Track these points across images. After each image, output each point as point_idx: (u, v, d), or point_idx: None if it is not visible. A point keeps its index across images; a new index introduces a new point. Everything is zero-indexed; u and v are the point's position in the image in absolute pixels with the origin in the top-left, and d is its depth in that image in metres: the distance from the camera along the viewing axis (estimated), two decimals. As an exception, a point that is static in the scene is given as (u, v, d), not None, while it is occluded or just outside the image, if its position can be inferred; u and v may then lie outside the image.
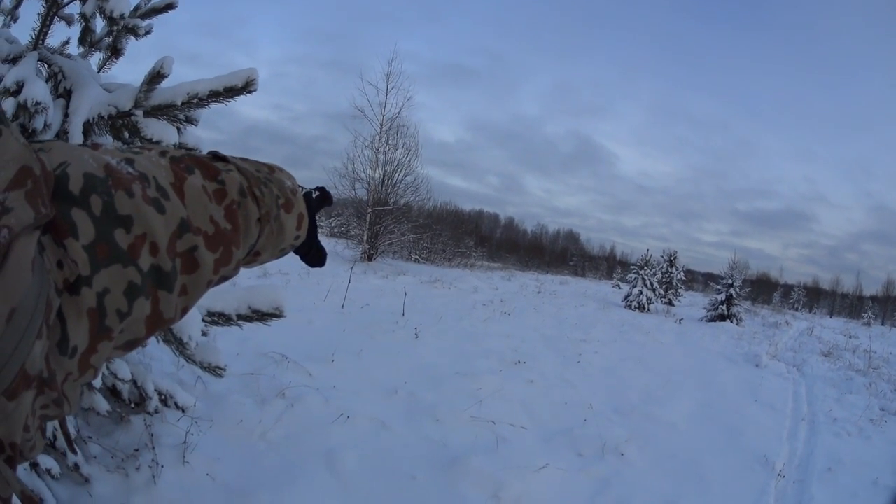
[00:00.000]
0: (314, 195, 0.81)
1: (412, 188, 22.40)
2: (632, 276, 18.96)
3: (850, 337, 16.58)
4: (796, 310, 41.68)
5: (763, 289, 50.88)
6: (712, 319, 16.58)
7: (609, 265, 67.49)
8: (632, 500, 3.33)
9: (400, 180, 21.83)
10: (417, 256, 25.79)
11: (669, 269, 20.47)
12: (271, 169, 0.71)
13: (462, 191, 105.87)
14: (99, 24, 2.47)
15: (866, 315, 34.71)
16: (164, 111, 2.03)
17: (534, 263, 60.30)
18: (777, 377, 8.14)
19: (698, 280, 50.68)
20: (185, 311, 0.60)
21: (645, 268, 18.39)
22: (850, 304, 58.14)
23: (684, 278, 21.96)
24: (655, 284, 18.47)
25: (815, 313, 44.63)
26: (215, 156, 0.66)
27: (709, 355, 9.56)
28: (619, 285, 29.52)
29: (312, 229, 0.79)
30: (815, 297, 60.01)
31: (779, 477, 4.05)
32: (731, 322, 16.23)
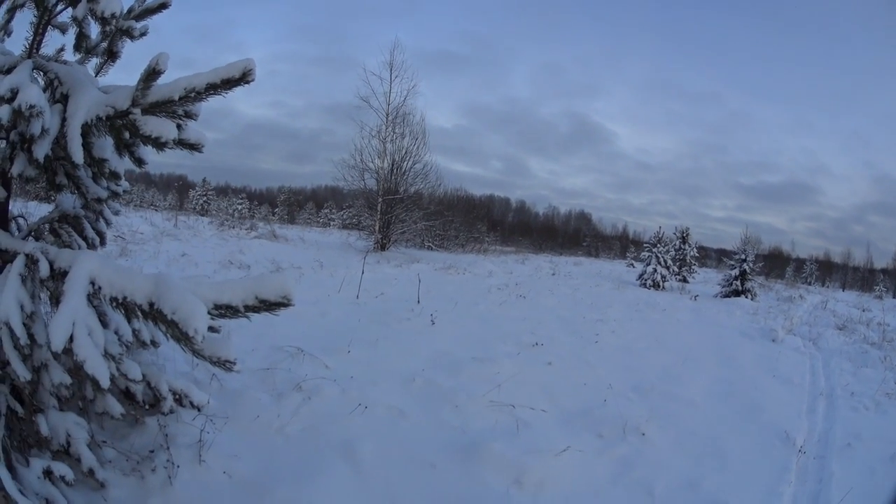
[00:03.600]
0: None
1: (421, 176, 22.31)
2: (645, 254, 18.87)
3: (864, 310, 16.28)
4: (809, 283, 41.29)
5: (775, 263, 50.14)
6: (727, 295, 16.44)
7: (622, 244, 67.01)
8: (654, 480, 3.29)
9: (409, 168, 21.74)
10: (430, 244, 25.77)
11: (682, 246, 20.25)
12: None
13: (468, 176, 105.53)
14: (94, 30, 2.46)
15: (878, 288, 34.21)
16: (163, 107, 2.00)
17: (547, 245, 60.19)
18: (793, 351, 8.07)
19: (711, 256, 50.09)
20: None
21: (658, 245, 18.27)
22: (861, 277, 56.96)
23: (697, 255, 21.73)
24: (669, 262, 18.35)
25: (827, 287, 44.24)
26: None
27: (725, 331, 9.49)
28: (633, 264, 29.33)
29: None
30: (828, 271, 59.07)
31: (800, 453, 3.99)
32: (746, 297, 16.08)
